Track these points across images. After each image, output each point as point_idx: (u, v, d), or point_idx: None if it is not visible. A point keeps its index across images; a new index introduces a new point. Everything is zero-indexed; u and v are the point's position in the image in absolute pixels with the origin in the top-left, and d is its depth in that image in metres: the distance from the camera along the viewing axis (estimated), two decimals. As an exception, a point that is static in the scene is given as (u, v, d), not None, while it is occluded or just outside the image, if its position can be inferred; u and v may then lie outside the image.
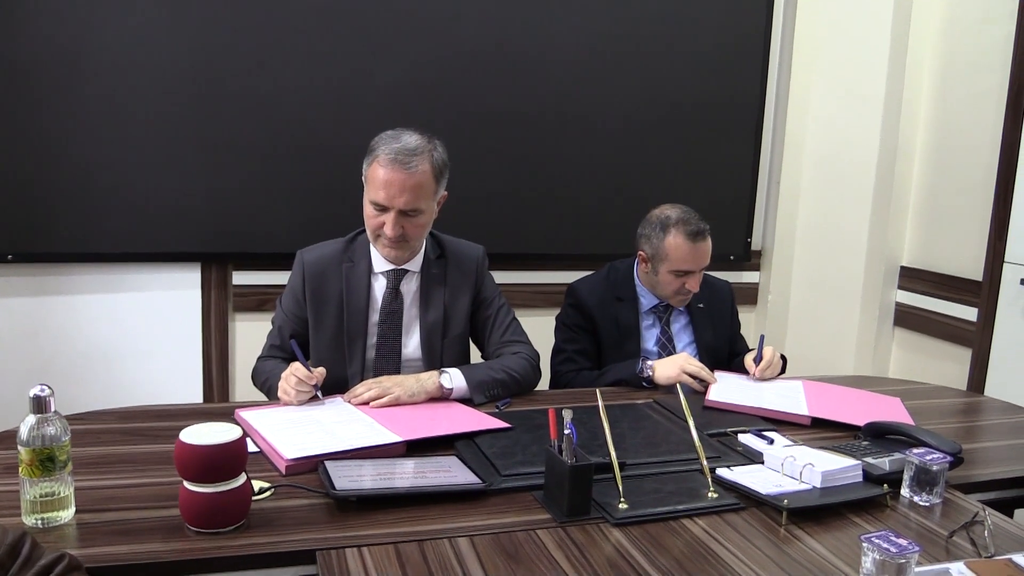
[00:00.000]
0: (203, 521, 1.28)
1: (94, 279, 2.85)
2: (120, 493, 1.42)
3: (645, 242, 2.35)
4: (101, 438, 1.68)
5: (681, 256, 2.27)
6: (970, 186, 3.04)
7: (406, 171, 1.91)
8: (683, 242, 2.27)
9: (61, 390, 1.38)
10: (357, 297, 2.06)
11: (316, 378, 1.83)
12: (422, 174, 1.94)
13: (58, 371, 2.83)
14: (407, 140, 1.95)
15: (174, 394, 2.94)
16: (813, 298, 3.44)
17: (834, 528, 1.41)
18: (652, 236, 2.32)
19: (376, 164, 1.93)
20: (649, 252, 2.34)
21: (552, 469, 1.45)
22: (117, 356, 2.91)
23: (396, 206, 1.93)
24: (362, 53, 2.92)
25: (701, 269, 2.31)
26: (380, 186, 1.92)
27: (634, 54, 3.21)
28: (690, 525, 1.40)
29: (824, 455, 1.59)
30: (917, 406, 2.11)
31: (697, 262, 2.29)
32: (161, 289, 2.92)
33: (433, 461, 1.59)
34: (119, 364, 2.91)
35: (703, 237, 2.28)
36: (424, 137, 1.98)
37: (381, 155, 1.93)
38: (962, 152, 3.08)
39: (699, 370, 2.15)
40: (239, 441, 1.31)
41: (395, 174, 1.91)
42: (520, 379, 2.07)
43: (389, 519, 1.36)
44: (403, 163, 1.91)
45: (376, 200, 1.94)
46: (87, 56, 2.68)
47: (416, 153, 1.93)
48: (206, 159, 2.84)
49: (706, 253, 2.30)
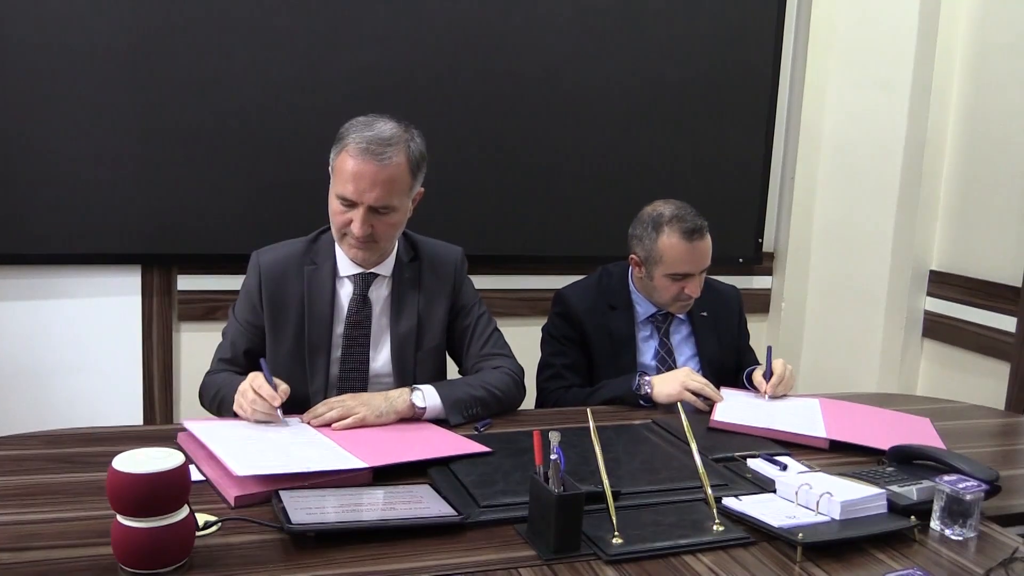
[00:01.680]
0: (139, 560, 1.26)
1: (16, 284, 2.83)
2: (44, 529, 1.39)
3: (637, 244, 2.35)
4: (23, 465, 1.66)
5: (677, 257, 2.27)
6: (1007, 181, 3.06)
7: (378, 163, 1.91)
8: (678, 241, 2.27)
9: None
10: (320, 304, 2.05)
11: (281, 397, 1.82)
12: (396, 167, 1.93)
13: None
14: (381, 128, 1.94)
15: (110, 415, 2.92)
16: (832, 306, 3.45)
17: (855, 565, 1.40)
18: (644, 237, 2.32)
19: (345, 154, 1.93)
20: (642, 255, 2.34)
21: (537, 499, 1.44)
22: (44, 372, 2.88)
23: (366, 202, 1.92)
24: (325, 30, 2.91)
25: (701, 271, 2.32)
26: (348, 179, 1.92)
27: (631, 33, 3.22)
28: (693, 562, 1.39)
29: (844, 483, 1.59)
30: (948, 427, 2.12)
31: (695, 263, 2.29)
32: (95, 295, 2.90)
33: (403, 490, 1.58)
34: (46, 381, 2.89)
35: (701, 235, 2.28)
36: (400, 126, 1.98)
37: (351, 144, 1.92)
38: (998, 144, 3.10)
39: (703, 387, 2.15)
40: (181, 468, 1.29)
41: (366, 166, 1.90)
42: (502, 397, 2.07)
43: (352, 557, 1.35)
44: (375, 154, 1.90)
45: (343, 194, 1.93)
46: (5, 29, 2.65)
47: (390, 143, 1.93)
48: (146, 148, 2.82)
49: (705, 253, 2.30)
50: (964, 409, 2.41)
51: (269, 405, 1.80)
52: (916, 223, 3.31)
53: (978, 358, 3.18)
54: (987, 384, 3.11)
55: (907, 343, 3.38)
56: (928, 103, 3.24)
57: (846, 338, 3.42)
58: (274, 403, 1.80)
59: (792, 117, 3.53)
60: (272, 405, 1.80)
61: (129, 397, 2.98)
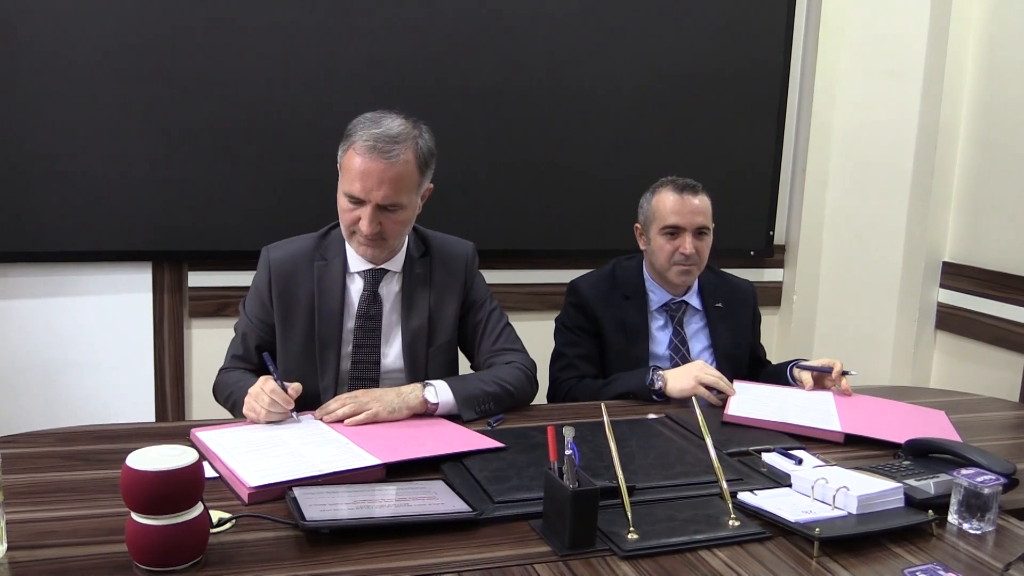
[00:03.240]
0: (154, 558, 1.26)
1: (28, 282, 2.83)
2: (59, 527, 1.40)
3: (639, 213, 2.45)
4: (37, 463, 1.66)
5: (667, 209, 2.33)
6: (1020, 171, 3.05)
7: (386, 160, 1.90)
8: (668, 194, 2.35)
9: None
10: (330, 299, 2.05)
11: (292, 397, 1.82)
12: (404, 164, 1.93)
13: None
14: (388, 125, 1.93)
15: (121, 412, 2.93)
16: (844, 298, 3.44)
17: (873, 560, 1.40)
18: (644, 203, 2.43)
19: (352, 151, 1.92)
20: (641, 220, 2.43)
21: (552, 495, 1.44)
22: (56, 369, 2.89)
23: (373, 200, 1.92)
24: (334, 27, 2.90)
25: (696, 230, 2.33)
26: (356, 176, 1.91)
27: (642, 25, 3.21)
28: (708, 557, 1.39)
29: (860, 477, 1.58)
30: (964, 420, 2.11)
31: (687, 217, 2.32)
32: (106, 293, 2.90)
33: (417, 487, 1.57)
34: (58, 379, 2.89)
35: (692, 191, 2.35)
36: (408, 122, 1.97)
37: (358, 141, 1.91)
38: (1011, 134, 3.08)
39: (717, 380, 2.15)
40: (195, 465, 1.29)
41: (373, 163, 1.90)
42: (514, 392, 2.06)
43: (366, 554, 1.35)
44: (383, 151, 1.90)
45: (351, 192, 1.93)
46: (18, 27, 2.66)
47: (398, 140, 1.92)
48: (156, 145, 2.82)
49: (697, 209, 2.34)
50: (979, 402, 2.40)
51: (283, 408, 1.81)
52: (928, 214, 3.29)
53: (992, 350, 3.16)
54: (1001, 376, 3.10)
55: (920, 335, 3.36)
56: (940, 93, 3.22)
57: (858, 331, 3.41)
58: (288, 407, 1.81)
59: (803, 108, 3.51)
60: (285, 408, 1.81)
61: (141, 394, 2.98)
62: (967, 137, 3.26)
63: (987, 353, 3.18)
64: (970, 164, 3.25)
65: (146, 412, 2.99)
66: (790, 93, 3.47)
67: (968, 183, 3.26)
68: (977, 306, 3.21)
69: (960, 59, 3.22)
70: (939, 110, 3.23)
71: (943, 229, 3.34)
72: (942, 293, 3.36)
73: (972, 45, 3.22)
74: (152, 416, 3.00)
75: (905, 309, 3.34)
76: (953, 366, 3.34)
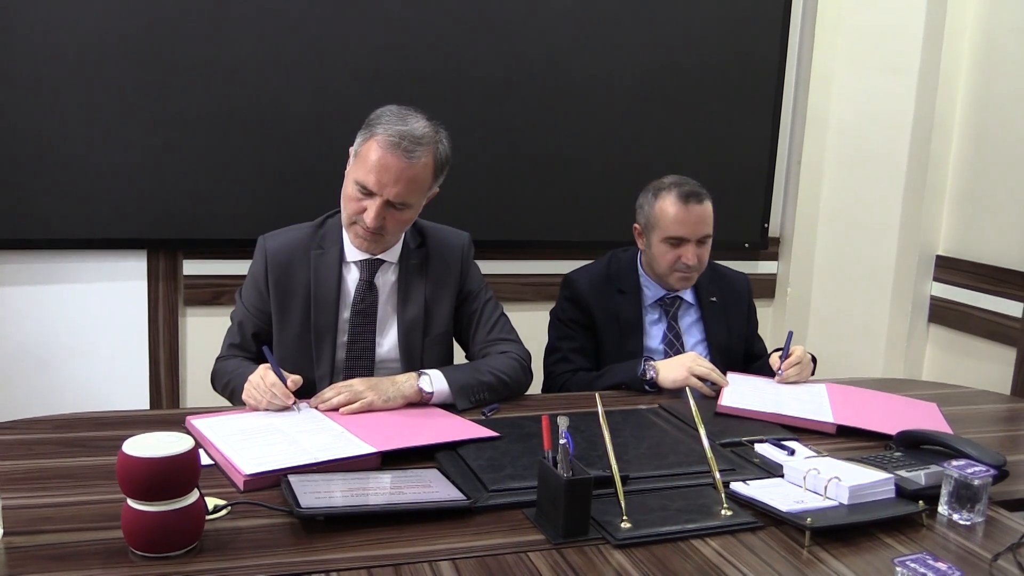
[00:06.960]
0: (149, 544, 1.27)
1: (22, 269, 2.83)
2: (55, 512, 1.40)
3: (639, 213, 2.41)
4: (34, 450, 1.66)
5: (672, 219, 2.30)
6: (1015, 166, 3.05)
7: (407, 159, 1.90)
8: (674, 203, 2.30)
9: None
10: (326, 289, 2.05)
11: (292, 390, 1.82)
12: (422, 167, 1.94)
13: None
14: (414, 125, 1.93)
15: (116, 400, 2.93)
16: (838, 291, 3.45)
17: (863, 550, 1.41)
18: (645, 204, 2.38)
19: (373, 142, 1.92)
20: (642, 222, 2.39)
21: (545, 484, 1.44)
22: (51, 357, 2.89)
23: (385, 195, 1.92)
24: (333, 17, 2.89)
25: (699, 239, 2.32)
26: (372, 168, 1.91)
27: (639, 17, 3.20)
28: (701, 546, 1.40)
29: (852, 467, 1.59)
30: (956, 412, 2.12)
31: (691, 227, 2.30)
32: (101, 280, 2.90)
33: (411, 475, 1.58)
34: (54, 366, 2.89)
35: (698, 200, 2.31)
36: (432, 125, 1.98)
37: (381, 134, 1.91)
38: (1006, 128, 3.09)
39: (709, 371, 2.15)
40: (191, 452, 1.29)
41: (393, 160, 1.90)
42: (509, 382, 2.07)
43: (361, 541, 1.35)
44: (406, 150, 1.90)
45: (364, 183, 1.93)
46: (13, 14, 2.64)
47: (421, 143, 1.92)
48: (152, 133, 2.81)
49: (701, 219, 2.31)
50: (971, 394, 2.41)
51: (283, 402, 1.81)
52: (923, 208, 3.30)
53: (985, 343, 3.17)
54: (993, 369, 3.11)
55: (913, 328, 3.37)
56: (936, 87, 3.22)
57: (852, 323, 3.42)
58: (288, 401, 1.82)
59: (799, 101, 3.51)
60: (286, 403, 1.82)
61: (135, 382, 2.98)
62: (962, 131, 3.26)
63: (980, 346, 3.20)
64: (965, 158, 3.26)
65: (141, 400, 2.99)
66: (786, 86, 3.47)
67: (962, 177, 3.27)
68: (970, 300, 3.22)
69: (955, 53, 3.22)
70: (934, 104, 3.23)
71: (937, 223, 3.35)
72: (935, 286, 3.36)
73: (967, 39, 3.22)
74: (147, 403, 3.00)
75: (898, 302, 3.35)
76: (946, 359, 3.36)
